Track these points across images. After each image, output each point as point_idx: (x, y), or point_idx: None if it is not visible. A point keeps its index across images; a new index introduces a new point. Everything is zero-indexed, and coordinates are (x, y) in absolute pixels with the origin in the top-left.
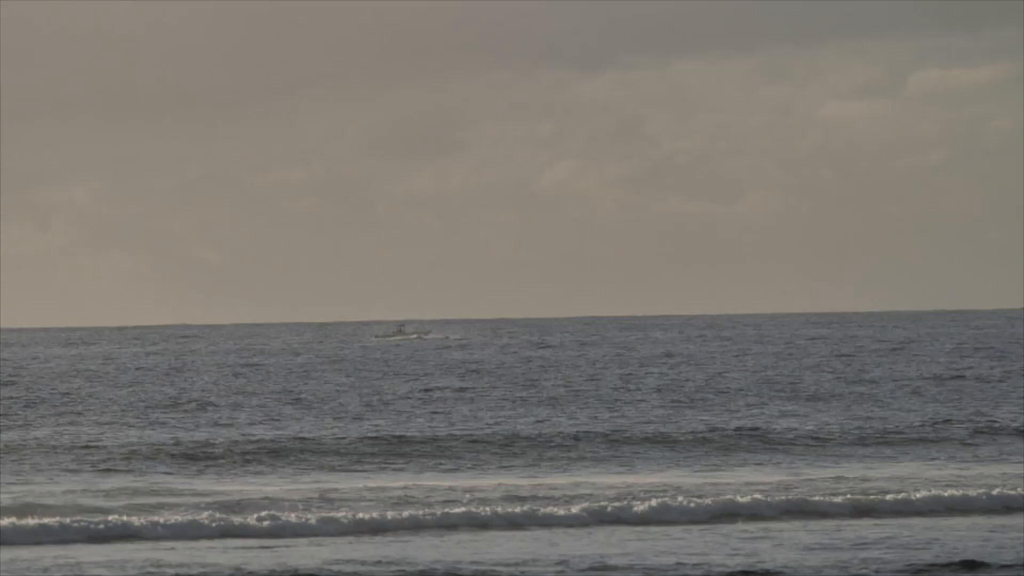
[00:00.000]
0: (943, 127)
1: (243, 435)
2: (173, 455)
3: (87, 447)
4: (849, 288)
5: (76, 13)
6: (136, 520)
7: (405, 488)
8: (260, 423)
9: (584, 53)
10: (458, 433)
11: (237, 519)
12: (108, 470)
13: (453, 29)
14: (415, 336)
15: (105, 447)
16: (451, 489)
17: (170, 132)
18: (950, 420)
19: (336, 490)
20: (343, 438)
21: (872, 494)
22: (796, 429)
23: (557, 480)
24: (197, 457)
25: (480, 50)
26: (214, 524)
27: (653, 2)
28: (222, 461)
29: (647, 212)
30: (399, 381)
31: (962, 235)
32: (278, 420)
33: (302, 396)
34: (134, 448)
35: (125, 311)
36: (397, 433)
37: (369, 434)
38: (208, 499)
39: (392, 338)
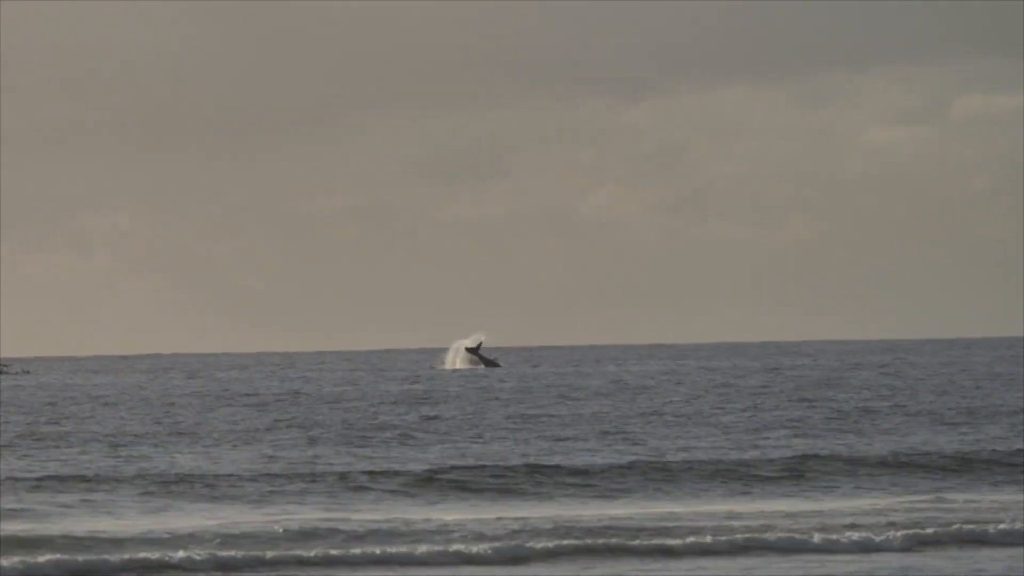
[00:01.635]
0: (987, 153)
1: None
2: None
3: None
4: (891, 315)
5: (117, 39)
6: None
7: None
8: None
9: (626, 79)
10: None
11: None
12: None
13: (495, 55)
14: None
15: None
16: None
17: (211, 158)
18: None
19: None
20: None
21: None
22: None
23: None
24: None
25: (522, 76)
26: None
27: (695, 28)
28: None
29: (689, 238)
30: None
31: (1007, 262)
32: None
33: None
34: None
35: (167, 338)
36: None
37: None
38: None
39: (461, 366)
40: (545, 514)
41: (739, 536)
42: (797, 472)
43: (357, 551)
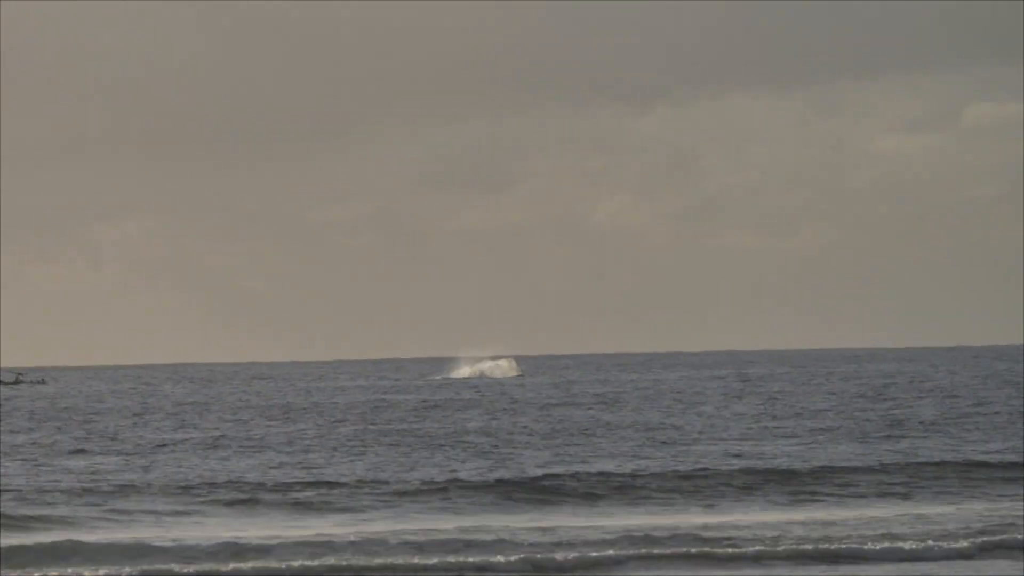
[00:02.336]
0: (998, 161)
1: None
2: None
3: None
4: (904, 323)
5: (126, 48)
6: None
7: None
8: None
9: (637, 87)
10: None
11: None
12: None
13: (506, 63)
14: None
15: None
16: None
17: (222, 167)
18: None
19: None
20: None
21: None
22: None
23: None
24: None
25: (533, 84)
26: None
27: (706, 36)
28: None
29: (701, 246)
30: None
31: (1017, 269)
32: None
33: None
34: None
35: (177, 347)
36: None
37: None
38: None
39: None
40: (643, 522)
41: (834, 546)
42: (905, 479)
43: (473, 560)
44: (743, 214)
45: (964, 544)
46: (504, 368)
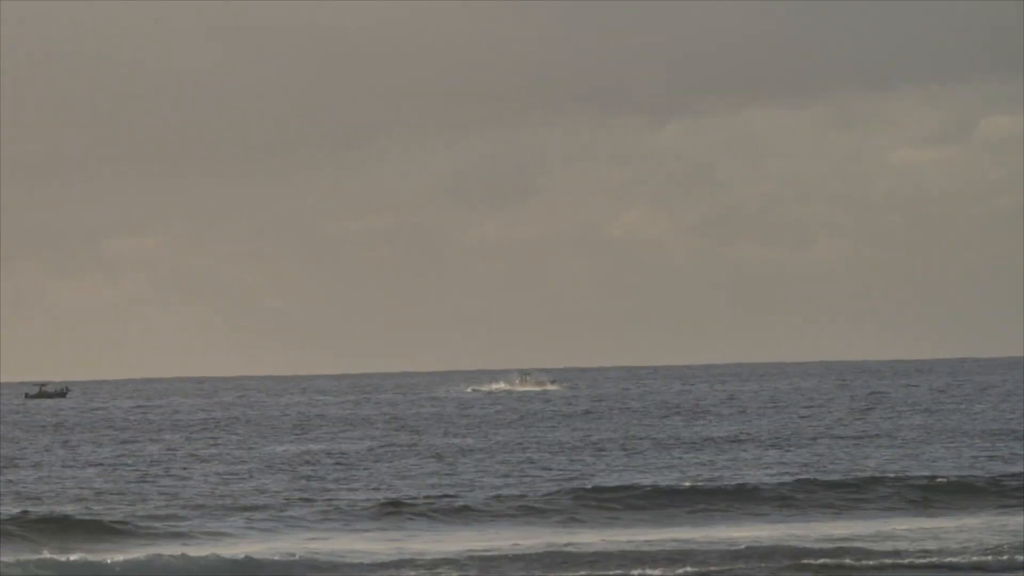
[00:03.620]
0: (1013, 173)
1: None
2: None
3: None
4: (918, 335)
5: (145, 64)
6: None
7: None
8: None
9: (655, 100)
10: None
11: None
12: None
13: (524, 76)
14: (545, 386)
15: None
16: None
17: (240, 181)
18: None
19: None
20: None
21: None
22: None
23: None
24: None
25: (552, 97)
26: None
27: (724, 49)
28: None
29: (718, 259)
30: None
31: None
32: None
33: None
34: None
35: (196, 362)
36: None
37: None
38: None
39: (523, 387)
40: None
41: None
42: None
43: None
44: (760, 226)
45: None
46: (543, 381)
